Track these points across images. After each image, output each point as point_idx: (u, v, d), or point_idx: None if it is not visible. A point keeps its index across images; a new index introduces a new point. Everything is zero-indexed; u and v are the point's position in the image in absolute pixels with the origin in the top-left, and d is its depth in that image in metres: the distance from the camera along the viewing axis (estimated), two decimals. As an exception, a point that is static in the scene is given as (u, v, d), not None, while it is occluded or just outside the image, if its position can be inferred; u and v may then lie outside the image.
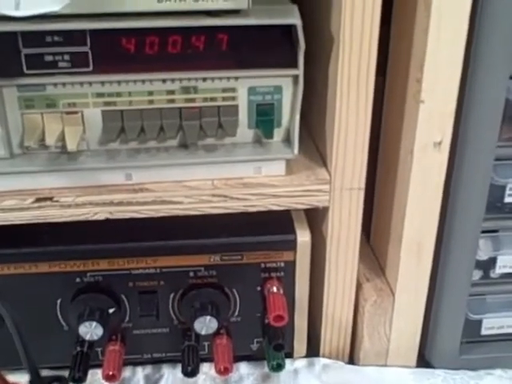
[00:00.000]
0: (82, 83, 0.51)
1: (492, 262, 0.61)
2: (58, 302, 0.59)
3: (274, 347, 0.59)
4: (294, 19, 0.50)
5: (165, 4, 0.48)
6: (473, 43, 0.50)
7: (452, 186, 0.56)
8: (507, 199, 0.57)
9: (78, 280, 0.58)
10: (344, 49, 0.51)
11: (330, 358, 0.65)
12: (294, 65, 0.52)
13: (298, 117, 0.54)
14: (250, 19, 0.50)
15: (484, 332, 0.64)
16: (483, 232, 0.58)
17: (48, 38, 0.49)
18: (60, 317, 0.60)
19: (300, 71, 0.52)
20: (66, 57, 0.50)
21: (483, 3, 0.48)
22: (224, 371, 0.58)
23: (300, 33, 0.50)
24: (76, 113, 0.52)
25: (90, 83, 0.51)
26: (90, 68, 0.50)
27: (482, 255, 0.60)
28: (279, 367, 0.61)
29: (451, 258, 0.59)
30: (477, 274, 0.61)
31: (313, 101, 0.59)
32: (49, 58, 0.50)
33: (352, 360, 0.67)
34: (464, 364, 0.64)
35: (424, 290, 0.61)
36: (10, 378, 0.52)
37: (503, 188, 0.57)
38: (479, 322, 0.64)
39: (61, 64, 0.50)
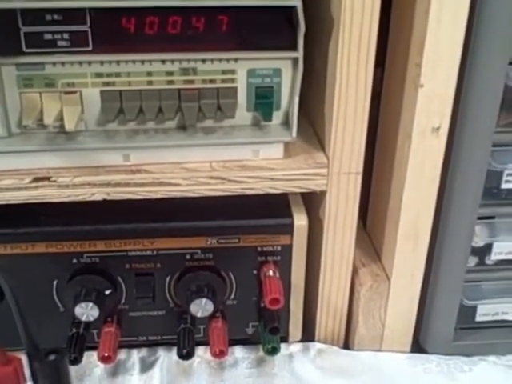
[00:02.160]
0: (81, 63, 0.51)
1: (488, 248, 0.61)
2: (55, 283, 0.59)
3: (269, 330, 0.59)
4: (295, 1, 0.49)
5: (166, -16, 0.47)
6: (473, 28, 0.49)
7: (449, 171, 0.55)
8: (504, 185, 0.57)
9: (74, 261, 0.58)
10: (344, 32, 0.50)
11: (325, 342, 0.65)
12: (294, 47, 0.52)
13: (296, 100, 0.54)
14: (250, 0, 0.49)
15: (478, 318, 0.64)
16: (479, 218, 0.58)
17: (48, 16, 0.48)
18: (56, 298, 0.59)
19: (300, 54, 0.52)
20: (66, 36, 0.49)
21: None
22: (219, 354, 0.58)
23: (300, 15, 0.50)
24: (74, 92, 0.52)
25: (89, 63, 0.51)
26: (90, 47, 0.50)
27: (478, 241, 0.59)
28: (274, 351, 0.61)
29: (447, 243, 0.58)
30: (472, 261, 0.61)
31: (312, 84, 0.58)
32: (48, 37, 0.49)
33: (347, 345, 0.66)
34: (458, 350, 0.64)
35: (419, 276, 0.61)
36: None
37: (500, 174, 0.57)
38: (474, 309, 0.64)
39: (60, 43, 0.49)
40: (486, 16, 0.49)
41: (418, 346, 0.65)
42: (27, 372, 0.42)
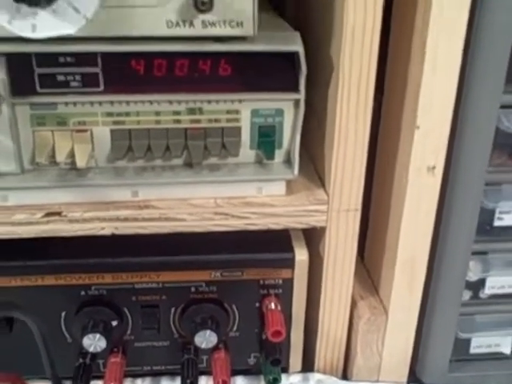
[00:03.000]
0: (92, 102, 0.51)
1: (481, 282, 0.60)
2: (63, 314, 0.58)
3: (271, 362, 0.58)
4: (297, 46, 0.50)
5: (174, 29, 0.47)
6: (465, 75, 0.50)
7: (444, 209, 0.55)
8: (496, 223, 0.57)
9: (82, 293, 0.57)
10: (344, 75, 0.50)
11: (324, 373, 0.64)
12: (296, 89, 0.52)
13: (298, 139, 0.53)
14: (254, 45, 0.49)
15: (472, 350, 0.64)
16: (473, 254, 0.57)
17: (61, 58, 0.48)
18: (64, 329, 0.58)
19: (301, 95, 0.52)
20: (78, 77, 0.49)
21: (476, 35, 0.48)
22: (222, 384, 0.57)
23: (302, 59, 0.50)
24: (86, 131, 0.52)
25: (100, 103, 0.51)
26: (101, 88, 0.50)
27: (472, 276, 0.59)
28: (276, 381, 0.60)
29: (443, 278, 0.58)
30: (466, 295, 0.60)
31: (312, 124, 0.58)
32: (61, 78, 0.49)
33: (345, 375, 0.65)
34: (453, 381, 0.63)
35: (416, 309, 0.60)
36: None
37: (493, 212, 0.56)
38: (468, 341, 0.63)
39: (72, 84, 0.49)
40: (478, 63, 0.49)
41: (414, 377, 0.64)
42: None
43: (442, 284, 0.58)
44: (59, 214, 0.53)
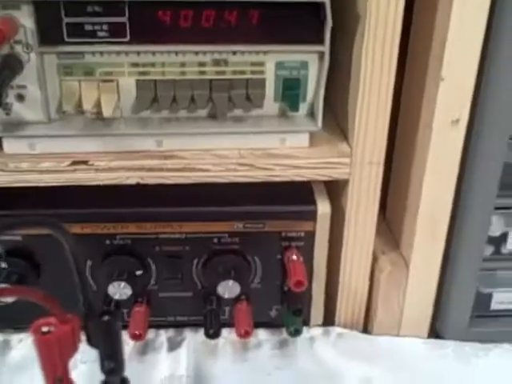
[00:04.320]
0: (118, 53, 0.52)
1: (503, 238, 0.61)
2: (89, 263, 0.60)
3: (293, 312, 0.60)
4: (323, -3, 0.50)
5: (201, -22, 0.49)
6: (492, 27, 0.50)
7: (467, 163, 0.56)
8: (521, 177, 0.58)
9: (107, 242, 0.59)
10: (370, 28, 0.51)
11: (345, 327, 0.66)
12: (321, 41, 0.53)
13: (322, 92, 0.55)
14: (280, -4, 0.50)
15: (494, 306, 0.65)
16: (496, 208, 0.58)
17: (89, 7, 0.50)
18: (89, 277, 0.61)
19: (326, 48, 0.53)
20: (105, 27, 0.51)
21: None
22: (245, 334, 0.59)
23: (328, 10, 0.51)
24: (112, 81, 0.53)
25: (127, 53, 0.52)
26: (127, 38, 0.51)
27: (495, 231, 0.60)
28: (297, 332, 0.62)
29: (464, 233, 0.59)
30: (488, 250, 0.62)
31: (336, 77, 0.59)
32: (88, 28, 0.51)
33: (366, 330, 0.67)
34: (473, 336, 0.64)
35: (437, 264, 0.61)
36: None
37: (517, 166, 0.57)
38: (489, 296, 0.64)
39: (99, 33, 0.51)
40: (505, 14, 0.50)
41: (434, 332, 0.66)
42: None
43: (464, 238, 0.59)
44: (85, 162, 0.55)
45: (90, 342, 0.42)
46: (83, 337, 0.41)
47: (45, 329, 0.40)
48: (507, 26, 0.50)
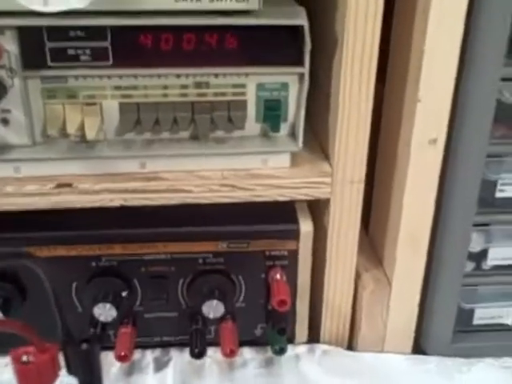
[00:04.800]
0: (101, 76, 0.53)
1: (484, 254, 0.62)
2: (74, 284, 0.61)
3: (277, 331, 0.61)
4: (302, 21, 0.52)
5: (181, 3, 0.50)
6: (467, 46, 0.52)
7: (446, 181, 0.57)
8: (498, 194, 0.59)
9: (93, 264, 0.60)
10: (347, 49, 0.53)
11: (329, 344, 0.67)
12: (301, 63, 0.54)
13: (303, 112, 0.56)
14: (260, 19, 0.52)
15: (476, 321, 0.66)
16: (475, 225, 0.60)
17: (71, 32, 0.51)
18: (75, 299, 0.61)
19: (306, 69, 0.54)
20: (88, 51, 0.52)
21: (477, 8, 0.50)
22: (230, 353, 0.60)
23: (307, 33, 0.52)
24: (95, 104, 0.54)
25: (109, 76, 0.53)
26: (110, 62, 0.52)
27: (475, 247, 0.61)
28: (282, 351, 0.63)
29: (445, 249, 0.60)
30: (469, 266, 0.63)
31: (316, 98, 0.61)
32: (71, 52, 0.52)
33: (350, 346, 0.68)
34: (456, 352, 0.65)
35: (419, 280, 0.62)
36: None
37: (494, 183, 0.58)
38: (471, 312, 0.65)
39: (82, 57, 0.52)
40: (479, 34, 0.51)
41: (418, 348, 0.67)
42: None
43: (445, 255, 0.61)
44: (70, 185, 0.56)
45: (70, 369, 0.42)
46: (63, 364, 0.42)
47: (24, 358, 0.41)
48: (481, 50, 0.52)
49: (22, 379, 0.40)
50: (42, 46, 0.51)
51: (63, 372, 0.43)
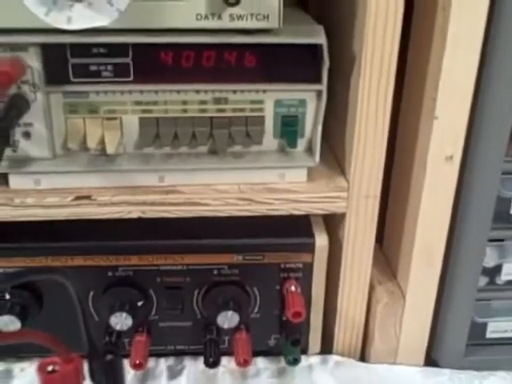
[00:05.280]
0: (122, 92, 0.55)
1: (498, 269, 0.64)
2: (91, 294, 0.62)
3: (291, 342, 0.63)
4: (320, 39, 0.53)
5: (202, 22, 0.52)
6: (485, 66, 0.53)
7: (462, 197, 0.59)
8: (513, 211, 0.60)
9: (110, 274, 0.62)
10: (365, 68, 0.54)
11: (342, 355, 0.68)
12: (319, 80, 0.55)
13: (320, 128, 0.57)
14: (279, 38, 0.53)
15: (489, 335, 0.67)
16: (490, 241, 0.61)
17: (94, 49, 0.52)
18: (92, 308, 0.63)
19: (323, 87, 0.55)
20: (110, 67, 0.53)
21: (496, 27, 0.52)
22: (244, 363, 0.61)
23: (325, 51, 0.54)
24: (115, 119, 0.56)
25: (130, 92, 0.55)
26: (131, 78, 0.54)
27: (489, 262, 0.63)
28: (295, 361, 0.64)
29: (460, 264, 0.62)
30: (483, 281, 0.64)
31: (333, 113, 0.62)
32: (93, 68, 0.53)
33: (363, 358, 0.70)
34: (469, 365, 0.67)
35: (433, 294, 0.64)
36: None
37: (509, 200, 0.60)
38: (484, 326, 0.67)
39: (104, 73, 0.54)
40: (497, 54, 0.53)
41: (430, 360, 0.68)
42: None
43: (459, 270, 0.62)
44: (89, 197, 0.58)
45: (94, 379, 0.44)
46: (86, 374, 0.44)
47: (50, 368, 0.42)
48: (498, 68, 0.53)
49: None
50: (64, 62, 0.53)
51: (87, 382, 0.44)
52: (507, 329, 0.67)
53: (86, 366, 0.47)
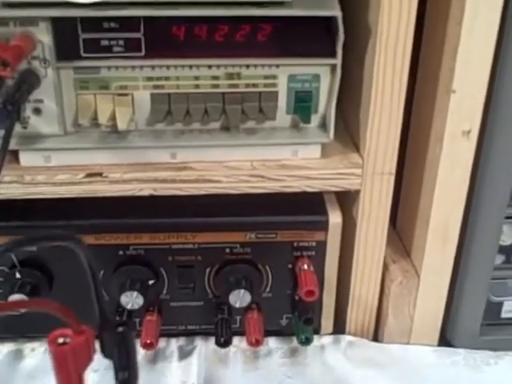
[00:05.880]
0: (133, 67, 0.55)
1: (514, 247, 0.64)
2: (102, 272, 0.63)
3: (304, 321, 0.63)
4: (335, 11, 0.53)
5: (215, -6, 0.52)
6: (503, 38, 0.53)
7: (479, 173, 0.59)
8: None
9: (120, 252, 0.62)
10: (381, 41, 0.54)
11: (355, 335, 0.69)
12: (333, 55, 0.55)
13: (334, 104, 0.57)
14: (293, 10, 0.53)
15: (504, 315, 0.68)
16: (507, 218, 0.61)
17: (105, 23, 0.53)
18: (102, 287, 0.63)
19: (338, 61, 0.56)
20: (121, 42, 0.54)
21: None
22: (256, 343, 0.62)
23: (340, 24, 0.54)
24: (127, 95, 0.56)
25: (141, 67, 0.55)
26: (142, 53, 0.54)
27: (506, 240, 0.63)
28: (308, 341, 0.65)
29: (476, 242, 0.62)
30: (499, 259, 0.64)
31: (347, 89, 0.62)
32: (105, 43, 0.54)
33: (376, 338, 0.70)
34: (484, 344, 0.67)
35: (448, 273, 0.64)
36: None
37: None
38: (500, 305, 0.67)
39: (115, 48, 0.54)
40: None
41: (444, 340, 0.69)
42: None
43: (475, 248, 0.62)
44: (100, 174, 0.58)
45: (105, 352, 0.44)
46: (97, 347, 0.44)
47: (61, 340, 0.43)
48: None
49: (58, 361, 0.42)
50: (75, 37, 0.53)
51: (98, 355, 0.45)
52: (523, 308, 0.68)
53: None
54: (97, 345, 0.43)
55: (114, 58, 0.54)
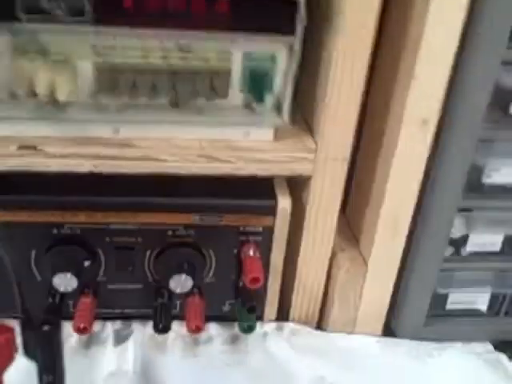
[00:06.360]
0: (76, 33, 0.51)
1: (463, 240, 0.64)
2: (33, 252, 0.60)
3: (247, 309, 0.61)
4: (297, -12, 0.51)
5: (169, -40, 0.48)
6: (469, 27, 0.52)
7: (435, 163, 0.58)
8: (485, 180, 0.60)
9: (54, 231, 0.59)
10: (343, 23, 0.52)
11: (299, 322, 0.68)
12: (291, 33, 0.53)
13: (290, 86, 0.55)
14: (252, -16, 0.50)
15: (449, 306, 0.68)
16: (459, 210, 0.60)
17: (46, -18, 0.49)
18: (34, 267, 0.60)
19: (296, 40, 0.53)
20: (63, 4, 0.50)
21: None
22: (196, 329, 0.60)
23: (302, 8, 0.51)
24: (68, 63, 0.52)
25: (86, 34, 0.51)
26: (86, 18, 0.50)
27: (456, 233, 0.62)
28: (250, 329, 0.63)
29: (427, 234, 0.61)
30: (448, 251, 0.64)
31: (304, 71, 0.60)
32: (45, 5, 0.49)
33: (320, 326, 0.69)
34: (427, 335, 0.67)
35: (396, 263, 0.63)
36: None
37: (481, 168, 0.59)
38: (445, 297, 0.67)
39: (57, 12, 0.50)
40: (481, 16, 0.51)
41: (388, 331, 0.68)
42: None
43: (426, 240, 0.61)
44: (34, 147, 0.54)
45: (27, 352, 0.41)
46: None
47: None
48: (484, 26, 0.51)
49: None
50: (11, -5, 0.49)
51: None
52: (467, 300, 0.68)
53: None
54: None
55: (55, 23, 0.50)
